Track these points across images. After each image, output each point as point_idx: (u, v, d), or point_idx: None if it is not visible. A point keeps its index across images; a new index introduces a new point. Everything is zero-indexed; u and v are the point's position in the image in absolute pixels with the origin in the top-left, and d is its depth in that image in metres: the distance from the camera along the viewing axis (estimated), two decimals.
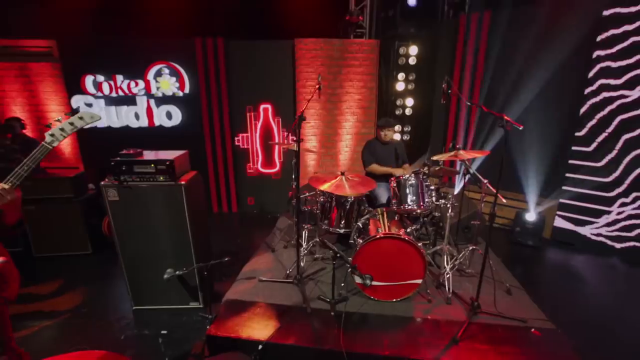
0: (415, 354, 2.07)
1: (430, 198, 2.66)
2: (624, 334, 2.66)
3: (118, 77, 4.64)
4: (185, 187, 2.55)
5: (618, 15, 3.51)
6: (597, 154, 3.86)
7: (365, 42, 4.81)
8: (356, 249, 2.45)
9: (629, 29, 3.48)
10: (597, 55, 3.67)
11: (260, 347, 2.13)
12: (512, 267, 3.34)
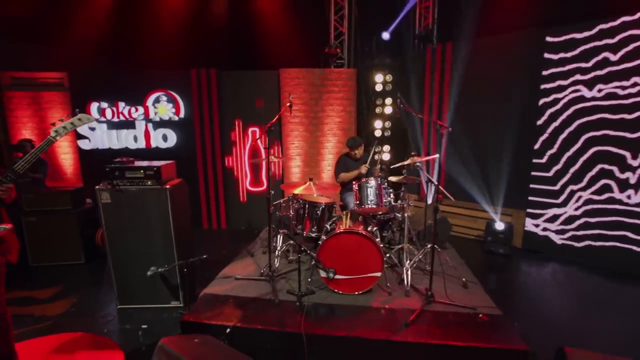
0: (368, 334, 2.27)
1: (388, 198, 2.96)
2: (563, 319, 2.92)
3: (120, 103, 5.14)
4: (170, 191, 2.88)
5: (558, 43, 4.02)
6: (550, 165, 4.21)
7: (343, 71, 5.35)
8: (320, 244, 2.72)
9: (566, 56, 3.97)
10: (544, 74, 4.13)
11: (228, 330, 2.34)
12: (482, 272, 3.59)
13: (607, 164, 3.82)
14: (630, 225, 3.72)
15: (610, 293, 3.47)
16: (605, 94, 3.76)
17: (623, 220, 3.77)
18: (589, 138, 3.91)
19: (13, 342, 1.87)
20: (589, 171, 3.95)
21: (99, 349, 2.16)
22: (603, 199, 3.88)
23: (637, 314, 3.05)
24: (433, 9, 5.50)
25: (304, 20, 5.61)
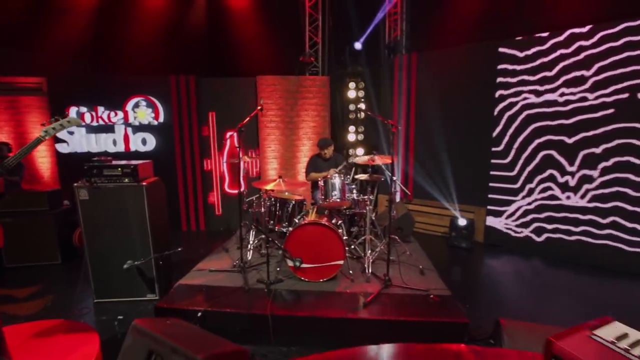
0: (328, 314, 2.50)
1: (350, 194, 3.23)
2: (509, 299, 3.26)
3: (99, 108, 5.25)
4: (146, 188, 3.05)
5: (508, 55, 4.44)
6: (511, 165, 4.59)
7: (317, 79, 5.65)
8: (287, 235, 2.95)
9: (517, 69, 4.39)
10: (499, 81, 4.54)
11: (200, 314, 2.52)
12: (443, 262, 3.91)
13: (552, 168, 4.23)
14: (573, 219, 4.12)
15: (554, 278, 3.84)
16: (549, 101, 4.18)
17: (567, 215, 4.17)
18: (539, 141, 4.31)
19: None
20: (539, 173, 4.35)
21: (75, 332, 2.29)
22: (547, 196, 4.28)
23: (574, 295, 3.40)
24: (401, 22, 5.90)
25: (280, 29, 5.91)
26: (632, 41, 3.58)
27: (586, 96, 3.90)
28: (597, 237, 3.98)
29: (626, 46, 3.61)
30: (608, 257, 3.90)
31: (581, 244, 4.10)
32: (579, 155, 4.01)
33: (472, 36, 4.95)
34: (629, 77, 3.62)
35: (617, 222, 3.83)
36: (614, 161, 3.79)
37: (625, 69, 3.63)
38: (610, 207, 3.86)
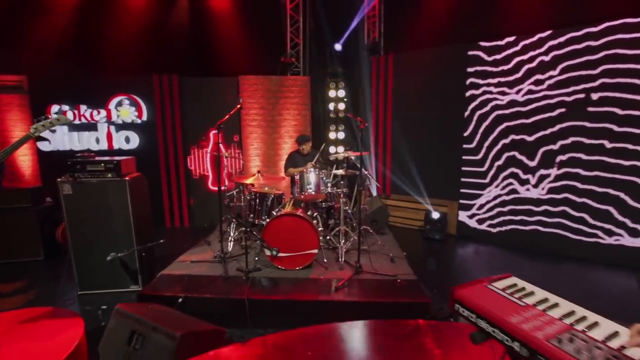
0: (302, 297, 2.70)
1: (325, 187, 3.43)
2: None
3: (82, 106, 5.30)
4: (129, 182, 3.18)
5: (478, 57, 4.73)
6: (481, 162, 4.88)
7: (299, 78, 5.84)
8: (264, 226, 3.13)
9: (483, 69, 4.68)
10: (470, 82, 4.82)
11: (181, 300, 2.68)
12: (415, 252, 4.17)
13: (515, 164, 4.54)
14: (531, 211, 4.44)
15: (516, 264, 4.14)
16: (513, 101, 4.48)
17: (532, 208, 4.49)
18: (505, 140, 4.61)
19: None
20: (505, 168, 4.65)
21: (60, 317, 2.41)
22: (510, 190, 4.59)
23: (529, 278, 3.69)
24: (379, 24, 6.14)
25: (262, 30, 6.05)
26: (590, 46, 3.88)
27: (546, 95, 4.20)
28: (548, 226, 4.32)
29: (585, 51, 3.91)
30: (557, 242, 4.24)
31: (537, 233, 4.42)
32: (539, 152, 4.32)
33: (444, 39, 5.21)
34: (585, 80, 3.92)
35: (567, 212, 4.16)
36: (568, 156, 4.11)
37: (582, 72, 3.93)
38: (561, 199, 4.19)
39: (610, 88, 3.79)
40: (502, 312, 0.91)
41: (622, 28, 3.67)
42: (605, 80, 3.84)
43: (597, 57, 3.84)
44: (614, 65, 3.75)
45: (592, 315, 0.93)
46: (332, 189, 3.50)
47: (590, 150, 3.96)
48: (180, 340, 1.99)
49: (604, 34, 3.77)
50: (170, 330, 2.04)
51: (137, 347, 2.10)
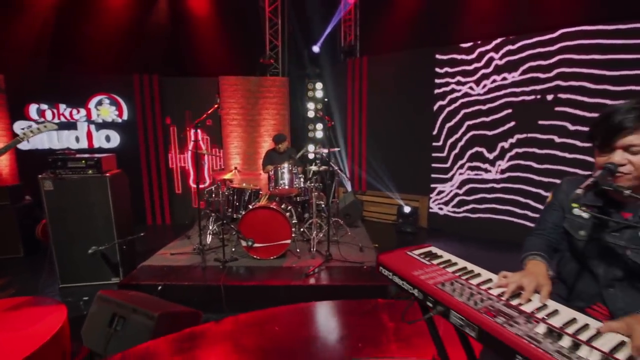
0: (274, 283, 2.92)
1: (298, 182, 3.66)
2: None
3: (61, 105, 5.34)
4: (110, 178, 3.31)
5: (445, 61, 5.06)
6: (446, 159, 5.21)
7: (277, 79, 6.05)
8: (240, 218, 3.33)
9: (449, 71, 5.02)
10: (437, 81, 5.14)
11: (160, 287, 2.85)
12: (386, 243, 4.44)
13: (477, 160, 4.89)
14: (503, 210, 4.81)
15: (477, 252, 4.47)
16: (475, 100, 4.83)
17: (495, 205, 4.85)
18: (467, 137, 4.96)
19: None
20: (468, 164, 5.00)
21: (42, 305, 2.55)
22: (475, 181, 4.95)
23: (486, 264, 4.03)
24: (355, 28, 6.42)
25: (241, 32, 6.22)
26: (542, 52, 4.25)
27: (507, 93, 4.56)
28: (499, 213, 4.70)
29: (537, 56, 4.28)
30: (509, 231, 4.61)
31: (493, 221, 4.79)
32: (498, 146, 4.68)
33: (414, 42, 5.53)
34: (542, 82, 4.28)
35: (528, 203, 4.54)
36: (523, 150, 4.48)
37: (539, 74, 4.29)
38: (516, 189, 4.57)
39: (564, 90, 4.16)
40: (410, 269, 1.16)
41: (576, 35, 4.01)
42: (559, 83, 4.21)
43: (551, 62, 4.20)
44: (567, 69, 4.11)
45: (479, 270, 1.19)
46: (305, 184, 3.74)
47: (542, 145, 4.34)
48: (158, 319, 2.18)
49: (559, 40, 4.12)
50: (148, 312, 2.23)
51: (118, 329, 2.28)
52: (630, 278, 1.07)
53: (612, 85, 3.85)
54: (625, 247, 1.06)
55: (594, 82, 3.95)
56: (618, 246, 1.07)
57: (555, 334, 0.80)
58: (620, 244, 1.07)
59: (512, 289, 1.00)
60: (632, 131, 0.99)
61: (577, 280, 1.21)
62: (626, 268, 1.06)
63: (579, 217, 1.18)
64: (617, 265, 1.08)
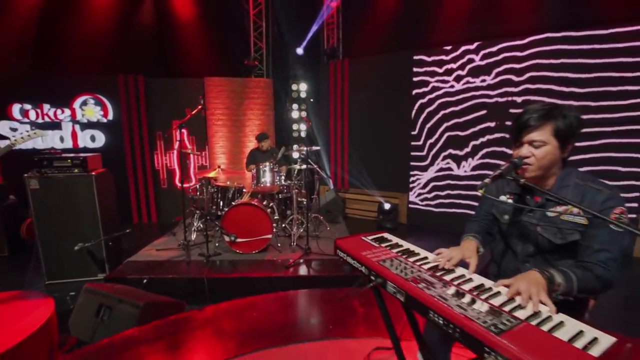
0: (255, 274, 3.09)
1: (279, 180, 3.84)
2: None
3: (45, 105, 5.37)
4: (95, 177, 3.42)
5: (423, 61, 5.30)
6: (425, 157, 5.46)
7: (262, 80, 6.20)
8: (222, 214, 3.49)
9: (428, 72, 5.27)
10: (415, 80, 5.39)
11: (145, 280, 2.99)
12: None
13: (451, 158, 5.16)
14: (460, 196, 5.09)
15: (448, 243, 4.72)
16: (450, 101, 5.09)
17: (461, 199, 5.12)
18: (444, 137, 5.22)
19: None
20: (443, 162, 5.26)
21: (30, 298, 2.65)
22: (452, 175, 5.22)
23: None
24: (337, 31, 6.62)
25: (226, 34, 6.35)
26: (513, 56, 4.52)
27: (481, 95, 4.83)
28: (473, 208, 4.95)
29: (506, 60, 4.56)
30: None
31: (469, 217, 5.04)
32: (470, 144, 4.95)
33: (394, 45, 5.76)
34: (513, 84, 4.55)
35: None
36: (492, 149, 4.76)
37: (512, 76, 4.56)
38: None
39: (532, 93, 4.44)
40: (360, 250, 1.36)
41: (545, 41, 4.28)
42: (528, 86, 4.48)
43: (522, 66, 4.47)
44: (536, 73, 4.39)
45: (419, 250, 1.40)
46: (286, 181, 3.91)
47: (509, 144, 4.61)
48: (143, 308, 2.33)
49: (529, 46, 4.39)
50: (134, 301, 2.38)
51: (105, 318, 2.42)
52: (541, 253, 1.29)
53: (578, 87, 4.15)
54: (536, 224, 1.27)
55: (563, 85, 4.23)
56: (531, 224, 1.29)
57: (460, 294, 1.00)
58: (532, 222, 1.29)
59: (444, 260, 1.21)
60: (534, 129, 1.21)
61: (503, 259, 1.42)
62: (537, 244, 1.28)
63: (504, 203, 1.40)
64: (530, 242, 1.30)
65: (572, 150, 1.24)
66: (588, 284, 1.05)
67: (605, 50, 3.98)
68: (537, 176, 1.24)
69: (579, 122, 1.21)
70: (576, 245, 1.18)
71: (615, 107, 4.02)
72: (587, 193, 1.18)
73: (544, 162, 1.21)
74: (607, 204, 1.13)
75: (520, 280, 1.00)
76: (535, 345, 0.77)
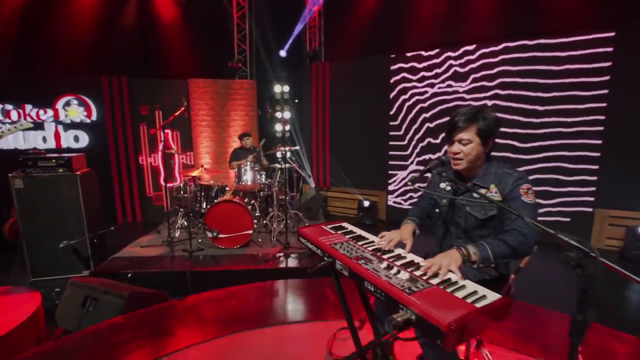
0: (236, 267, 3.27)
1: (260, 179, 4.02)
2: None
3: (27, 106, 5.40)
4: (80, 176, 3.53)
5: (400, 65, 5.56)
6: (407, 157, 5.73)
7: (245, 82, 6.36)
8: (205, 211, 3.65)
9: (405, 76, 5.53)
10: (393, 85, 5.65)
11: (130, 274, 3.13)
12: None
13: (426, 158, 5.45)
14: None
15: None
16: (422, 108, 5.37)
17: None
18: (420, 136, 5.49)
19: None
20: (422, 160, 5.54)
21: (18, 293, 2.77)
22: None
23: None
24: (319, 34, 6.83)
25: (210, 36, 6.48)
26: (488, 63, 4.81)
27: (456, 98, 5.11)
28: None
29: (483, 66, 4.84)
30: None
31: None
32: (443, 148, 5.24)
33: (373, 48, 6.01)
34: (486, 89, 4.84)
35: None
36: None
37: (484, 82, 4.85)
38: None
39: (502, 98, 4.74)
40: (318, 236, 1.57)
41: (518, 49, 4.57)
42: (497, 91, 4.79)
43: (494, 72, 4.76)
44: (506, 79, 4.68)
45: (368, 235, 1.62)
46: (267, 180, 4.10)
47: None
48: (127, 298, 2.48)
49: (500, 53, 4.68)
50: (119, 292, 2.53)
51: (91, 309, 2.56)
52: (470, 229, 1.53)
53: (544, 92, 4.48)
54: (466, 204, 1.51)
55: (531, 90, 4.55)
56: (462, 204, 1.53)
57: (390, 267, 1.22)
58: (463, 203, 1.52)
59: (385, 242, 1.44)
60: (462, 130, 1.45)
61: (443, 239, 1.66)
62: (467, 221, 1.52)
63: (443, 190, 1.63)
64: (462, 220, 1.54)
65: (493, 146, 1.49)
66: (502, 250, 1.29)
67: (554, 58, 4.33)
68: (466, 168, 1.49)
69: (495, 122, 1.45)
70: (495, 220, 1.43)
71: (569, 111, 4.36)
72: (503, 177, 1.43)
73: (470, 157, 1.45)
74: (516, 183, 1.40)
75: (438, 256, 1.23)
76: (435, 300, 0.99)
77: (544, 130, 4.54)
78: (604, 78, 4.14)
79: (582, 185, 4.41)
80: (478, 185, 1.48)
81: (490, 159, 1.53)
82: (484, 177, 1.48)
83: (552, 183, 4.57)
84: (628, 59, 4.00)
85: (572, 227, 4.51)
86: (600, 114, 4.22)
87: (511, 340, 2.09)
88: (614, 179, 4.26)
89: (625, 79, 4.04)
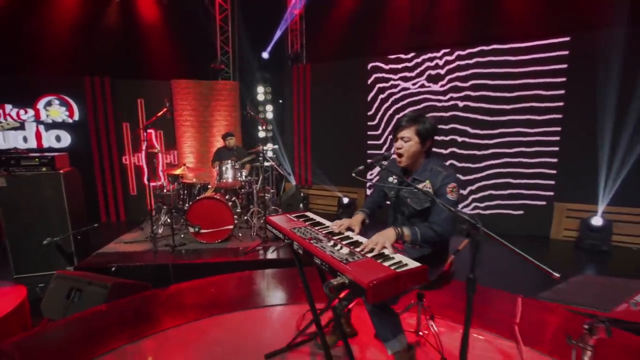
0: (216, 260, 3.45)
1: (241, 177, 4.21)
2: None
3: (7, 105, 5.42)
4: (63, 175, 3.64)
5: (377, 67, 5.82)
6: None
7: (228, 83, 6.51)
8: (187, 208, 3.82)
9: (382, 76, 5.80)
10: (371, 86, 5.91)
11: (113, 268, 3.27)
12: None
13: None
14: None
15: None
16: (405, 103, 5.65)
17: None
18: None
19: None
20: None
21: (2, 287, 2.88)
22: None
23: None
24: (301, 37, 7.04)
25: (193, 37, 6.59)
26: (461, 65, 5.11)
27: (430, 98, 5.40)
28: None
29: (456, 68, 5.15)
30: None
31: None
32: None
33: (352, 51, 6.25)
34: (459, 90, 5.15)
35: None
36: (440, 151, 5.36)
37: (457, 83, 5.15)
38: None
39: (473, 99, 5.06)
40: (284, 224, 1.79)
41: (492, 52, 4.88)
42: (469, 93, 5.10)
43: (466, 74, 5.06)
44: (478, 81, 4.99)
45: (326, 222, 1.85)
46: (247, 178, 4.29)
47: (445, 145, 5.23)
48: (111, 288, 2.64)
49: (474, 56, 4.99)
50: (103, 282, 2.68)
51: (75, 300, 2.71)
52: (410, 217, 1.77)
53: (508, 92, 4.81)
54: (407, 197, 1.75)
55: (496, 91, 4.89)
56: (404, 197, 1.77)
57: (335, 245, 1.45)
58: (405, 196, 1.77)
59: (337, 226, 1.67)
60: (404, 128, 1.69)
61: (392, 225, 1.90)
62: (408, 211, 1.76)
63: (391, 183, 1.87)
64: (405, 209, 1.78)
65: (431, 146, 1.74)
66: (428, 236, 1.55)
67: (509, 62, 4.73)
68: (408, 163, 1.73)
69: (432, 127, 1.70)
70: (429, 211, 1.68)
71: (529, 109, 4.73)
72: (435, 174, 1.68)
73: (409, 153, 1.70)
74: (445, 181, 1.64)
75: (376, 235, 1.47)
76: (365, 268, 1.22)
77: (506, 130, 4.89)
78: (561, 79, 4.50)
79: (542, 179, 4.77)
80: (417, 180, 1.72)
81: (430, 156, 1.77)
82: (422, 172, 1.73)
83: (513, 177, 4.94)
84: (582, 61, 4.38)
85: (533, 220, 4.88)
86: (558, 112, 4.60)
87: (460, 316, 2.35)
88: (569, 174, 4.63)
89: (580, 80, 4.41)
